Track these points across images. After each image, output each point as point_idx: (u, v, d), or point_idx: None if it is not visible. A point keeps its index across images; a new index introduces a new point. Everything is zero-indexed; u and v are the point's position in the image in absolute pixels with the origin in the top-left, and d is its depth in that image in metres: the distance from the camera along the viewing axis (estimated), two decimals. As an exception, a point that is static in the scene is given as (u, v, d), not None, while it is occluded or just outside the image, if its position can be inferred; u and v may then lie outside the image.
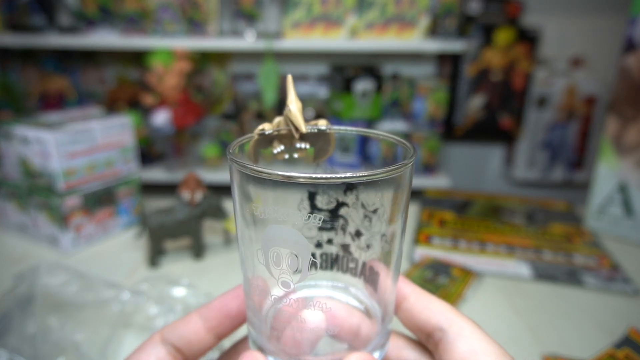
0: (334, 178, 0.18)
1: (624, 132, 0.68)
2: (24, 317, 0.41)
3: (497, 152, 1.86)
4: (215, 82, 1.71)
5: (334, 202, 0.21)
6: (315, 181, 0.18)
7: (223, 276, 0.56)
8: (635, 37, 0.65)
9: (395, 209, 0.22)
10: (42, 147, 0.58)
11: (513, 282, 0.56)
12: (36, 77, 1.69)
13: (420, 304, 0.24)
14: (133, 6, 1.49)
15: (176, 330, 0.24)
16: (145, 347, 0.24)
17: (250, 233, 0.22)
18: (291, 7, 1.46)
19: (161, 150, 1.68)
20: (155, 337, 0.24)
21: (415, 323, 0.24)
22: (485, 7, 1.58)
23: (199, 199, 0.58)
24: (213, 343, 0.25)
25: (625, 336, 0.44)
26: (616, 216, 0.69)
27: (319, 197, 0.22)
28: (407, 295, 0.25)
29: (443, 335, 0.23)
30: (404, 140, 0.24)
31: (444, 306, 0.24)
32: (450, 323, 0.23)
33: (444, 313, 0.23)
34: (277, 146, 0.25)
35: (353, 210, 0.21)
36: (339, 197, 0.21)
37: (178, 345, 0.24)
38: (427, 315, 0.24)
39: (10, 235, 0.67)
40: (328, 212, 0.22)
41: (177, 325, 0.24)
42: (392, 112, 1.66)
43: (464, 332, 0.22)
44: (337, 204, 0.22)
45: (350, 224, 0.22)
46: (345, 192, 0.21)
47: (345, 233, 0.23)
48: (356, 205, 0.21)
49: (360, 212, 0.21)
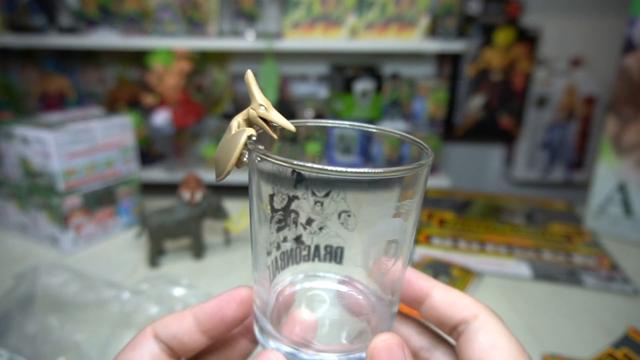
0: (370, 173, 0.18)
1: (623, 132, 0.68)
2: (24, 317, 0.41)
3: (497, 152, 1.86)
4: (215, 82, 1.71)
5: (286, 198, 0.21)
6: (346, 175, 0.18)
7: (223, 276, 0.56)
8: (635, 37, 0.65)
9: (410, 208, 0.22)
10: (42, 147, 0.58)
11: (513, 281, 0.56)
12: (36, 77, 1.69)
13: (446, 301, 0.24)
14: (133, 6, 1.49)
15: (169, 328, 0.24)
16: (138, 342, 0.23)
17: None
18: (291, 7, 1.46)
19: (161, 150, 1.68)
20: (148, 332, 0.23)
21: (440, 319, 0.24)
22: (485, 7, 1.58)
23: (199, 199, 0.58)
24: (205, 344, 0.24)
25: (624, 336, 0.44)
26: (616, 216, 0.69)
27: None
28: (429, 291, 0.25)
29: (466, 327, 0.23)
30: (419, 140, 0.24)
31: (470, 300, 0.24)
32: (475, 315, 0.23)
33: (469, 307, 0.23)
34: (257, 153, 0.25)
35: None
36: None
37: (169, 343, 0.23)
38: (452, 312, 0.24)
39: (10, 235, 0.67)
40: (282, 210, 0.22)
41: (170, 323, 0.24)
42: (392, 112, 1.66)
43: (487, 326, 0.22)
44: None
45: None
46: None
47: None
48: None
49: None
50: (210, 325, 0.24)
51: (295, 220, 0.22)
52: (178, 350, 0.24)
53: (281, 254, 0.23)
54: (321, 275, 0.25)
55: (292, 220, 0.22)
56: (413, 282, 0.25)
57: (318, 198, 0.21)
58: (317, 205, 0.21)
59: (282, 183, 0.20)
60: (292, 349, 0.22)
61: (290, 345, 0.22)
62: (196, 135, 1.73)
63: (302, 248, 0.24)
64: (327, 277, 0.25)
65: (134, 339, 0.24)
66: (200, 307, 0.24)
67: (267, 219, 0.22)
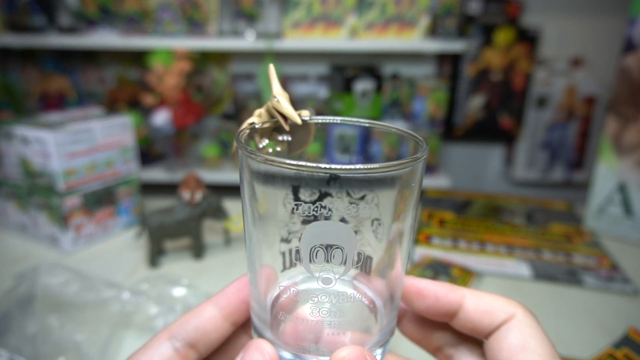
0: (360, 169, 0.18)
1: (623, 132, 0.68)
2: (24, 317, 0.41)
3: (497, 152, 1.86)
4: (215, 82, 1.71)
5: (317, 193, 0.21)
6: (330, 172, 0.18)
7: (223, 276, 0.56)
8: (635, 37, 0.65)
9: (405, 206, 0.21)
10: (42, 147, 0.58)
11: (513, 281, 0.56)
12: (36, 77, 1.69)
13: (481, 310, 0.23)
14: (133, 6, 1.49)
15: (189, 323, 0.23)
16: (151, 345, 0.23)
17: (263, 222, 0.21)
18: (291, 7, 1.46)
19: (161, 150, 1.68)
20: (162, 335, 0.23)
21: (476, 329, 0.23)
22: (485, 7, 1.58)
23: (199, 199, 0.58)
24: (229, 331, 0.24)
25: (624, 336, 0.44)
26: (616, 216, 0.69)
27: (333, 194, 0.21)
28: (460, 302, 0.23)
29: (500, 325, 0.22)
30: (413, 132, 0.23)
31: (503, 302, 0.23)
32: (512, 315, 0.22)
33: (505, 310, 0.22)
34: (262, 140, 0.24)
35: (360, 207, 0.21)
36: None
37: (192, 338, 0.23)
38: (489, 320, 0.23)
39: (10, 235, 0.67)
40: (311, 204, 0.21)
41: (189, 318, 0.23)
42: (392, 112, 1.66)
43: (521, 326, 0.21)
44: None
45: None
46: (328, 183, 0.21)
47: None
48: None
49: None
50: (232, 308, 0.24)
51: (328, 218, 0.21)
52: (201, 344, 0.23)
53: (296, 249, 0.23)
54: (326, 277, 0.25)
55: (323, 218, 0.21)
56: (441, 296, 0.24)
57: (353, 199, 0.21)
58: (352, 207, 0.21)
59: (311, 178, 0.20)
60: (293, 355, 0.22)
61: (291, 350, 0.22)
62: (196, 135, 1.73)
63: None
64: (331, 279, 0.25)
65: (147, 342, 0.23)
66: (218, 294, 0.24)
67: (288, 211, 0.21)
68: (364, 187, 0.20)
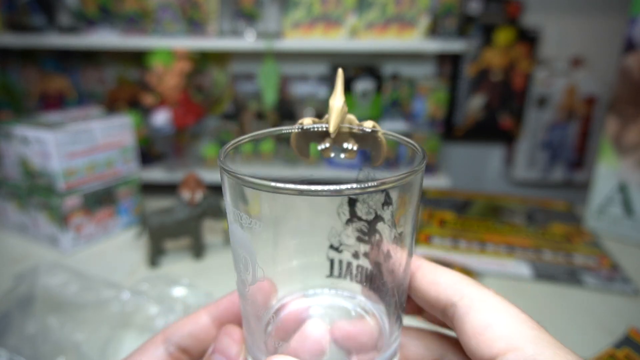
0: (335, 191, 0.16)
1: (624, 132, 0.68)
2: (24, 317, 0.41)
3: (497, 152, 1.85)
4: (215, 82, 1.71)
5: (373, 213, 0.20)
6: (309, 193, 0.16)
7: (223, 276, 0.56)
8: (635, 37, 0.65)
9: (404, 212, 0.20)
10: (42, 147, 0.58)
11: (513, 282, 0.56)
12: (36, 77, 1.69)
13: (427, 279, 0.22)
14: (133, 6, 1.49)
15: (183, 329, 0.24)
16: (147, 348, 0.23)
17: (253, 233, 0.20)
18: (291, 7, 1.46)
19: (161, 150, 1.68)
20: (157, 338, 0.24)
21: (426, 301, 0.22)
22: (485, 7, 1.58)
23: (199, 199, 0.58)
24: None
25: (625, 336, 0.44)
26: (616, 216, 0.69)
27: (359, 205, 0.20)
28: (414, 271, 0.22)
29: (455, 310, 0.20)
30: (412, 141, 0.22)
31: (454, 277, 0.21)
32: (461, 295, 0.20)
33: (452, 285, 0.21)
34: (323, 143, 0.24)
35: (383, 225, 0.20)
36: (377, 209, 0.20)
37: (185, 343, 0.23)
38: (436, 291, 0.21)
39: (10, 235, 0.67)
40: (367, 223, 0.20)
41: (184, 324, 0.24)
42: (392, 112, 1.66)
43: (475, 305, 0.19)
44: (375, 216, 0.20)
45: (384, 240, 0.20)
46: (383, 205, 0.19)
47: (380, 249, 0.21)
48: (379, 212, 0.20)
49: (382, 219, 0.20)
50: (225, 319, 0.24)
51: (379, 244, 0.20)
52: (193, 349, 0.24)
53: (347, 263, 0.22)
54: (318, 293, 0.24)
55: (376, 243, 0.20)
56: None
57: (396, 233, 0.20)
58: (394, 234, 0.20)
59: (370, 195, 0.19)
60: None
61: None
62: (196, 135, 1.73)
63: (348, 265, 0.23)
64: (327, 293, 0.24)
65: (143, 344, 0.24)
66: (213, 305, 0.25)
67: (342, 222, 0.20)
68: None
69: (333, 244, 0.22)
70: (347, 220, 0.20)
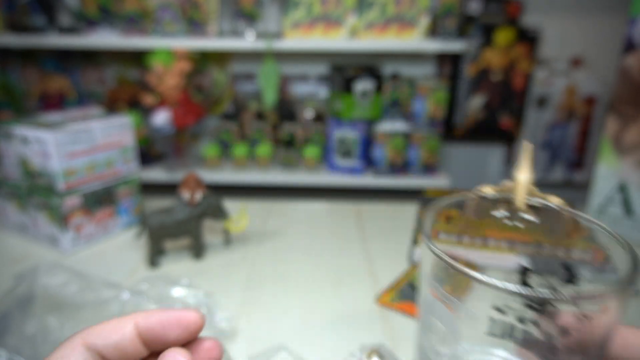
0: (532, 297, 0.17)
1: (624, 132, 0.68)
2: (24, 317, 0.41)
3: (497, 152, 1.86)
4: (215, 82, 1.71)
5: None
6: (503, 293, 0.18)
7: (223, 276, 0.56)
8: (635, 37, 0.65)
9: None
10: (42, 147, 0.58)
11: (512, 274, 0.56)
12: (36, 77, 1.69)
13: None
14: (133, 6, 1.49)
15: (109, 338, 0.22)
16: (66, 355, 0.21)
17: None
18: (291, 7, 1.46)
19: (161, 150, 1.68)
20: (77, 343, 0.22)
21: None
22: (485, 7, 1.58)
23: (199, 199, 0.58)
24: (145, 354, 0.23)
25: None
26: (616, 216, 0.69)
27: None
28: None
29: None
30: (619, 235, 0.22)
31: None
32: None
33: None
34: (501, 211, 0.25)
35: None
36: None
37: (107, 353, 0.22)
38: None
39: (10, 235, 0.67)
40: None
41: (109, 332, 0.22)
42: (392, 112, 1.66)
43: None
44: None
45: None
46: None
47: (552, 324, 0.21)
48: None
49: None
50: (151, 343, 0.23)
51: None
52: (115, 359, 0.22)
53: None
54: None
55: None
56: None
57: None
58: None
59: None
60: None
61: None
62: (196, 135, 1.73)
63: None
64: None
65: (60, 350, 0.22)
66: (144, 319, 0.23)
67: None
68: None
69: (496, 306, 0.23)
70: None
